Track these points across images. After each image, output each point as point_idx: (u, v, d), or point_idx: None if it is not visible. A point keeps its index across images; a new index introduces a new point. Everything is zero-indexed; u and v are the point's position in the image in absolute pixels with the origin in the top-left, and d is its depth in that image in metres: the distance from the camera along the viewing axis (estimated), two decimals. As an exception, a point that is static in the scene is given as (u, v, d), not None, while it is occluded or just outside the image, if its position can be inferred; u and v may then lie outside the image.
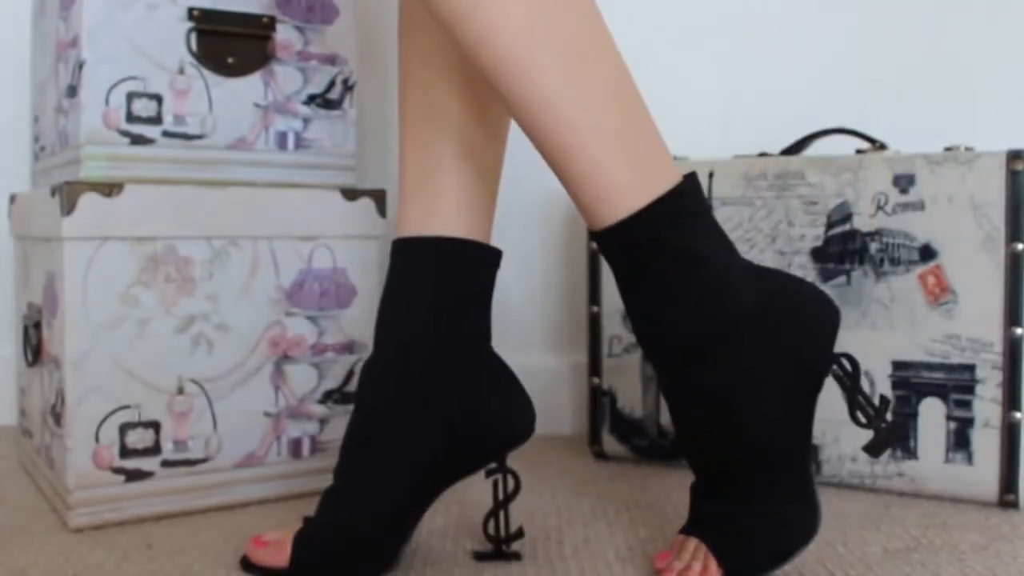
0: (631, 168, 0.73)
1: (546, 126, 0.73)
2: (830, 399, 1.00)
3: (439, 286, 0.78)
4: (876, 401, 0.81)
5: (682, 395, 0.76)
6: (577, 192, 0.75)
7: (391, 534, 0.78)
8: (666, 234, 0.73)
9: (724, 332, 0.74)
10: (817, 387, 0.77)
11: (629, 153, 0.74)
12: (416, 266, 0.79)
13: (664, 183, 0.74)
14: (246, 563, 0.80)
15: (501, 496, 0.82)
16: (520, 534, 0.83)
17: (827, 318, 0.77)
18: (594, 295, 1.18)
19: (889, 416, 0.80)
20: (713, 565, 0.75)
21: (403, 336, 0.78)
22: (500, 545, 0.83)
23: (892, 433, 0.78)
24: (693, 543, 0.77)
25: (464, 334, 0.79)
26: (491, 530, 0.83)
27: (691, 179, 0.76)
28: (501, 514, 0.83)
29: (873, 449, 0.78)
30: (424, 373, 0.77)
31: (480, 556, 0.83)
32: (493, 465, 0.82)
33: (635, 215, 0.73)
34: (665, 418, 1.14)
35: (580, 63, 0.72)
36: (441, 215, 0.80)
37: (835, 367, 0.78)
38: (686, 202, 0.75)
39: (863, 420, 0.78)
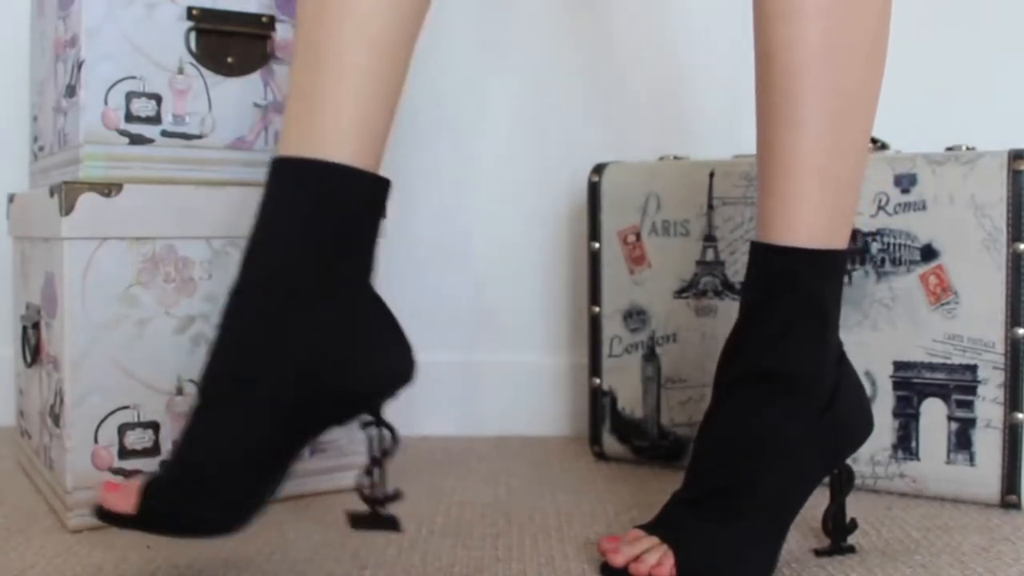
0: (831, 215, 0.78)
1: (783, 144, 0.78)
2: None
3: (317, 216, 0.71)
4: (847, 520, 0.86)
5: (736, 406, 0.79)
6: (772, 203, 0.79)
7: (244, 483, 0.70)
8: (824, 281, 0.79)
9: (805, 380, 0.78)
10: (826, 475, 0.83)
11: (838, 202, 0.79)
12: (294, 190, 0.72)
13: (843, 242, 0.80)
14: (100, 510, 0.71)
15: (377, 453, 0.76)
16: (397, 495, 0.77)
17: (866, 430, 0.83)
18: (594, 295, 1.18)
19: (850, 540, 0.85)
20: (669, 563, 0.75)
21: (269, 268, 0.71)
22: (375, 506, 0.77)
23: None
24: (652, 540, 0.78)
25: (339, 272, 0.72)
26: (367, 490, 0.77)
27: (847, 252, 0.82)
28: (376, 472, 0.76)
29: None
30: (288, 312, 0.70)
31: (356, 519, 0.77)
32: (370, 419, 0.75)
33: (813, 251, 0.78)
34: (665, 419, 1.14)
35: (847, 113, 0.78)
36: (328, 136, 0.71)
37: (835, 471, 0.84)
38: (841, 265, 0.82)
39: (829, 527, 0.84)
